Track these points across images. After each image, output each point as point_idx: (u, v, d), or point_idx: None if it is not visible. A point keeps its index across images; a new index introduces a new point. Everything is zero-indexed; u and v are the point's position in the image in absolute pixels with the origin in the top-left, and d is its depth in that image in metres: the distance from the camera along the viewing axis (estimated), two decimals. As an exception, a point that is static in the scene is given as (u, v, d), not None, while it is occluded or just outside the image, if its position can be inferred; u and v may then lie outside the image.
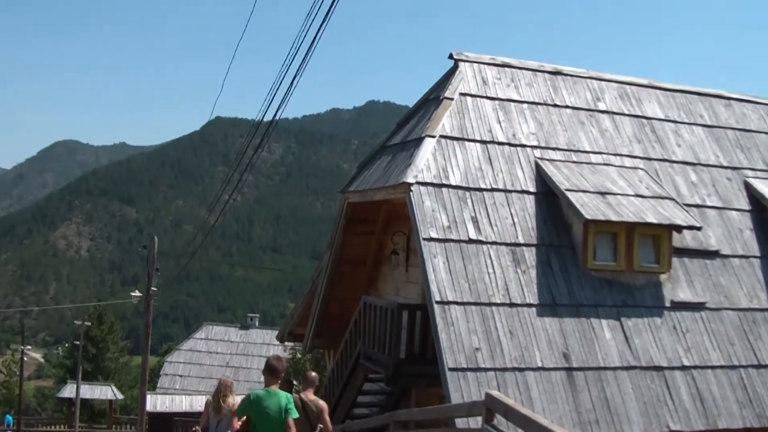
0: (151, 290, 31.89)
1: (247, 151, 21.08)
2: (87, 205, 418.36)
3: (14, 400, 74.24)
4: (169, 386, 53.83)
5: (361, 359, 18.63)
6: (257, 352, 55.75)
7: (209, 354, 55.92)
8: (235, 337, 57.38)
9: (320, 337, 22.94)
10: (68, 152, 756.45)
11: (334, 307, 22.16)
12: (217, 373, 54.30)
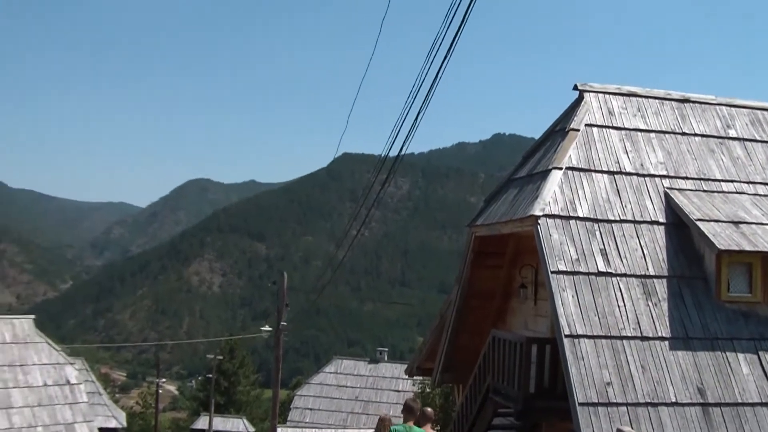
0: (281, 325, 32.36)
1: (374, 187, 21.30)
2: (218, 242, 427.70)
3: (150, 431, 76.19)
4: (299, 419, 54.36)
5: (491, 394, 18.50)
6: (387, 386, 55.88)
7: (339, 388, 56.29)
8: (364, 371, 57.63)
9: (449, 371, 22.85)
10: (199, 190, 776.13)
11: (463, 341, 22.06)
12: (346, 406, 54.73)
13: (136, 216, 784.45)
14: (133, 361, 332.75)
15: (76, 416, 37.24)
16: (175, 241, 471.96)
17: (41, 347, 38.72)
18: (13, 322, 39.27)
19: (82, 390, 38.95)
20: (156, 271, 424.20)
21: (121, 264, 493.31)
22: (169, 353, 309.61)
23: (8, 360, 37.17)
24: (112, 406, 59.10)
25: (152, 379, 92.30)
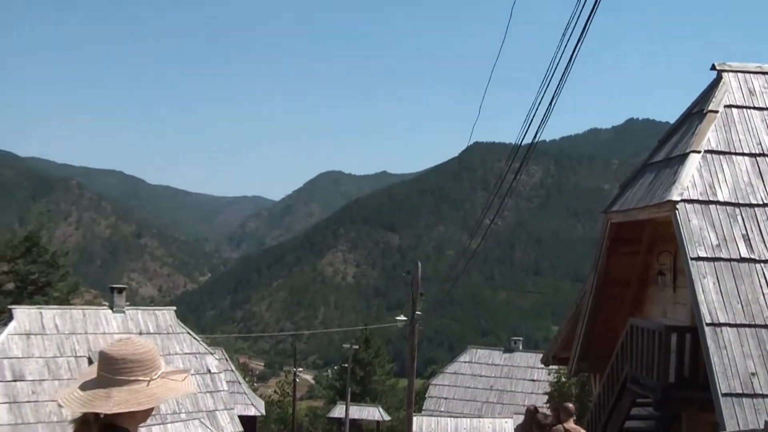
0: (416, 314, 32.45)
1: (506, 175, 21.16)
2: (351, 233, 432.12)
3: (288, 419, 77.60)
4: (434, 408, 54.42)
5: (629, 383, 18.18)
6: (521, 375, 55.48)
7: (473, 377, 56.14)
8: (499, 360, 57.33)
9: (585, 360, 22.55)
10: (332, 183, 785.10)
11: (599, 330, 21.73)
12: (481, 396, 54.55)
13: (270, 209, 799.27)
14: (270, 351, 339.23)
15: (217, 404, 38.22)
16: (309, 233, 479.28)
17: (183, 338, 39.85)
18: (155, 313, 40.52)
19: (223, 379, 39.95)
20: (291, 262, 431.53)
21: (257, 256, 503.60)
22: (305, 343, 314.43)
23: (152, 349, 38.36)
24: (251, 394, 60.39)
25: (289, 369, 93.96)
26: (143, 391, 3.83)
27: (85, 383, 3.90)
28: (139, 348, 3.97)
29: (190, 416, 36.67)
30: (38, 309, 37.89)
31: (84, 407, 3.78)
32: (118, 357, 3.88)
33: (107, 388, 3.82)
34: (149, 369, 3.91)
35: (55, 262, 65.02)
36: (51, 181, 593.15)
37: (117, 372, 3.85)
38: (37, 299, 59.18)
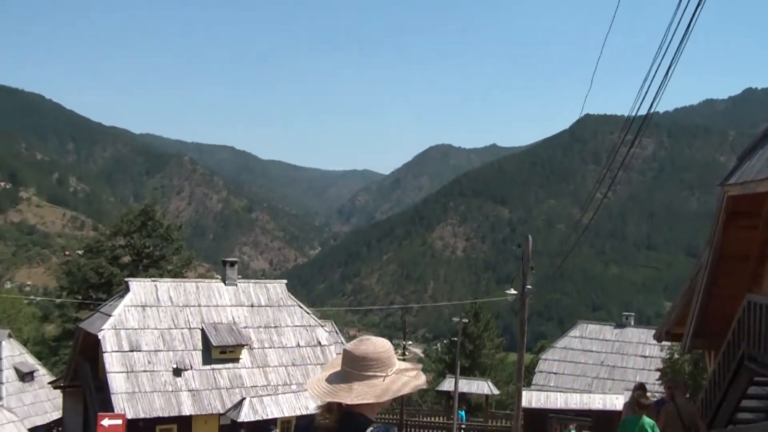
0: (526, 288, 32.13)
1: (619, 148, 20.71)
2: (461, 207, 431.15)
3: (397, 392, 77.98)
4: (544, 383, 54.02)
5: (746, 361, 17.65)
6: (633, 351, 54.59)
7: (584, 352, 55.50)
8: (610, 335, 56.50)
9: (700, 337, 21.97)
10: (441, 156, 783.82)
11: (715, 306, 21.13)
12: (591, 371, 53.90)
13: (380, 182, 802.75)
14: (380, 324, 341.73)
15: (328, 376, 38.54)
16: (418, 207, 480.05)
17: (293, 310, 40.31)
18: (266, 286, 41.07)
19: (333, 351, 40.28)
20: (401, 236, 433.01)
21: (367, 230, 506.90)
22: (415, 317, 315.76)
23: (264, 322, 38.93)
24: (363, 367, 60.84)
25: (399, 342, 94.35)
26: (380, 386, 4.54)
27: (330, 376, 4.66)
28: (379, 348, 4.66)
29: (301, 387, 37.11)
30: (153, 282, 38.76)
31: (329, 397, 4.54)
32: (360, 355, 4.60)
33: (350, 382, 4.57)
34: (386, 366, 4.62)
35: (169, 236, 66.45)
36: (164, 157, 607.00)
37: (359, 368, 4.58)
38: (152, 272, 60.69)
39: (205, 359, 36.36)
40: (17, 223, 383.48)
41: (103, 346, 34.82)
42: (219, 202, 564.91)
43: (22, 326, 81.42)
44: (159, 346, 35.84)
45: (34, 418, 48.16)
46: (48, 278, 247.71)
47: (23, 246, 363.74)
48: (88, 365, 38.17)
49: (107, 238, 68.26)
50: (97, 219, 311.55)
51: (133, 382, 34.30)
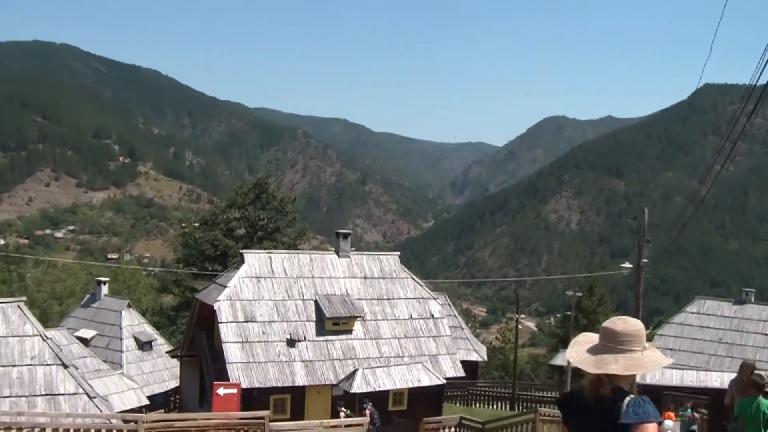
0: (642, 262, 31.51)
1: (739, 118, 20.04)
2: (575, 179, 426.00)
3: (509, 365, 77.72)
4: (660, 360, 53.10)
5: None
6: (753, 329, 53.00)
7: (701, 329, 54.18)
8: (728, 312, 54.98)
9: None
10: (556, 128, 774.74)
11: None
12: (708, 348, 52.60)
13: (493, 155, 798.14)
14: (493, 298, 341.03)
15: (440, 348, 38.60)
16: (532, 179, 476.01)
17: (406, 282, 40.38)
18: (380, 258, 41.23)
19: (445, 324, 40.29)
20: (514, 209, 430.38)
21: (480, 202, 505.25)
22: (528, 290, 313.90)
23: (377, 294, 39.10)
24: (474, 340, 60.80)
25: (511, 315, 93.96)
26: (639, 359, 5.16)
27: (590, 349, 5.31)
28: (636, 325, 5.27)
29: (413, 360, 37.22)
30: (268, 253, 39.27)
31: (597, 368, 5.15)
32: (621, 331, 5.22)
33: (613, 354, 5.18)
34: (640, 342, 5.21)
35: (283, 209, 67.28)
36: (278, 130, 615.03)
37: (620, 343, 5.19)
38: (266, 244, 61.58)
39: (319, 330, 36.73)
40: (136, 196, 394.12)
41: (219, 317, 35.48)
42: (332, 175, 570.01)
43: (141, 297, 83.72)
44: (273, 317, 36.34)
45: (152, 386, 49.47)
46: (165, 250, 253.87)
47: (141, 219, 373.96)
48: (205, 335, 38.96)
49: (222, 210, 69.55)
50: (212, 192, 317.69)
51: (248, 352, 34.88)
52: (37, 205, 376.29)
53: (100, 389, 34.19)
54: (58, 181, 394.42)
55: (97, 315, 53.42)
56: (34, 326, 27.73)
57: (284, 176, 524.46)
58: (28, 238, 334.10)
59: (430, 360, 37.82)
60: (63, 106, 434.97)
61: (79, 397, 26.78)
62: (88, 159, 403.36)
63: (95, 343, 50.73)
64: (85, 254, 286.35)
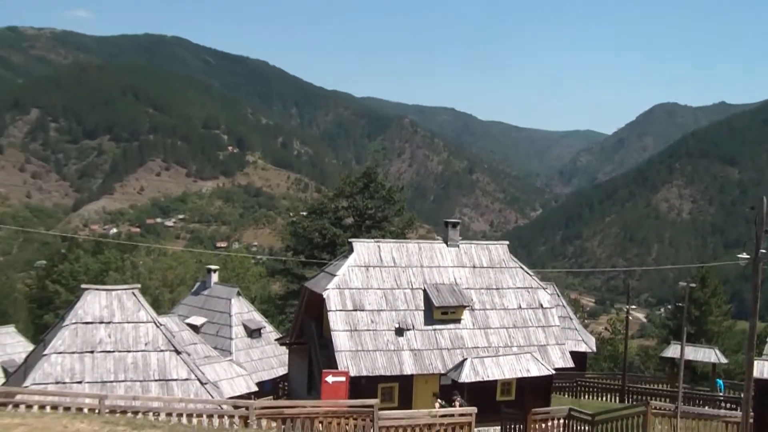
0: (760, 253, 30.49)
1: None
2: (687, 167, 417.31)
3: (619, 357, 76.40)
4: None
5: None
6: None
7: (822, 322, 52.65)
8: None
9: None
10: (667, 115, 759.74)
11: None
12: (830, 341, 50.95)
13: (602, 143, 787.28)
14: (601, 288, 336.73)
15: (549, 339, 38.09)
16: (642, 168, 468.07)
17: (515, 272, 39.94)
18: (488, 247, 40.84)
19: (554, 314, 39.72)
20: (623, 197, 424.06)
21: (589, 191, 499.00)
22: (638, 280, 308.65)
23: (485, 283, 38.78)
24: (582, 330, 59.89)
25: (621, 306, 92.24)
26: None
27: None
28: None
29: (522, 350, 36.83)
30: (376, 242, 39.26)
31: None
32: None
33: None
34: None
35: (391, 198, 67.26)
36: (386, 119, 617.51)
37: None
38: (374, 233, 61.70)
39: (427, 319, 36.58)
40: (244, 185, 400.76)
41: (328, 305, 35.63)
42: (439, 164, 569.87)
43: (249, 285, 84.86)
44: (382, 305, 36.33)
45: (261, 373, 50.02)
46: (273, 239, 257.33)
47: (250, 208, 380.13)
48: (313, 323, 39.18)
49: (330, 199, 69.94)
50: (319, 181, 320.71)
51: (357, 340, 34.95)
52: (149, 194, 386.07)
53: (210, 375, 34.71)
54: (168, 170, 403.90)
55: (207, 302, 54.30)
56: (148, 313, 28.25)
57: (391, 165, 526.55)
58: (140, 226, 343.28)
59: (538, 350, 37.34)
60: (173, 98, 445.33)
61: (191, 382, 27.19)
62: (198, 149, 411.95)
63: (205, 330, 51.58)
64: (195, 242, 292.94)
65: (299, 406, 25.97)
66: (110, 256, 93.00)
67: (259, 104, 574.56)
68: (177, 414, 23.34)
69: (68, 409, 22.23)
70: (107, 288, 29.31)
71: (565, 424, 32.76)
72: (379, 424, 25.30)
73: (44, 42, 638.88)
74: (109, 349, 27.04)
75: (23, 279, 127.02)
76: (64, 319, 28.26)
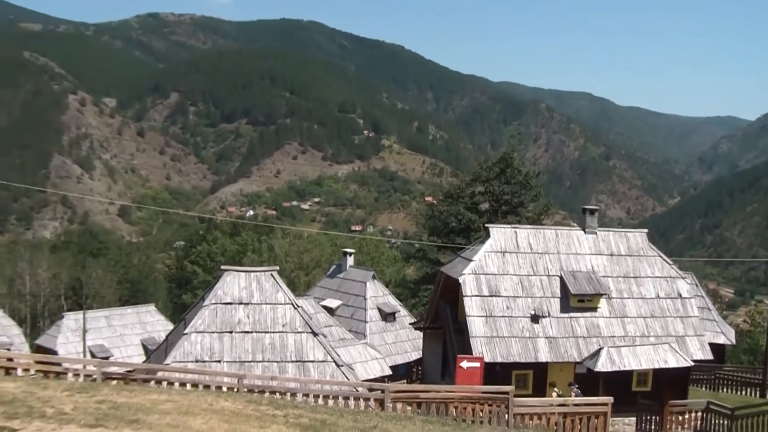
0: None
1: None
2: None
3: (758, 350, 74.04)
4: None
5: None
6: None
7: None
8: None
9: None
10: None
11: None
12: None
13: (744, 129, 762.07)
14: (741, 278, 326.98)
15: (687, 330, 37.18)
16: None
17: (654, 261, 39.08)
18: (626, 235, 40.07)
19: (693, 304, 38.71)
20: (766, 186, 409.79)
21: (730, 179, 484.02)
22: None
23: (623, 271, 38.08)
24: (721, 322, 58.19)
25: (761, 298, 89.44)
26: None
27: None
28: None
29: (659, 340, 36.08)
30: (513, 228, 39.01)
31: None
32: None
33: None
34: None
35: (528, 183, 66.55)
36: (521, 104, 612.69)
37: None
38: (510, 219, 61.23)
39: (563, 307, 36.18)
40: (379, 169, 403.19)
41: (464, 290, 35.58)
42: (576, 150, 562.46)
43: (384, 268, 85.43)
44: (518, 292, 36.09)
45: (395, 357, 50.33)
46: (407, 223, 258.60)
47: (385, 192, 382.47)
48: (448, 308, 39.15)
49: (466, 184, 69.63)
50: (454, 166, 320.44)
51: (492, 326, 34.81)
52: (285, 177, 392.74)
53: (345, 357, 35.07)
54: (304, 154, 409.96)
55: (343, 285, 54.89)
56: (286, 295, 28.71)
57: (527, 150, 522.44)
58: (276, 209, 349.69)
59: (676, 341, 36.47)
60: (310, 82, 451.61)
61: (327, 364, 27.54)
62: (334, 133, 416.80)
63: (340, 313, 52.17)
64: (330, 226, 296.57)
65: (434, 390, 26.01)
66: (247, 238, 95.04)
67: (395, 88, 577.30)
68: (314, 395, 23.64)
69: (208, 387, 22.78)
70: (246, 269, 29.97)
71: (703, 418, 31.90)
72: (513, 411, 25.12)
73: (184, 28, 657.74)
74: (248, 330, 27.63)
75: (163, 259, 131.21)
76: (204, 299, 29.01)
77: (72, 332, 58.72)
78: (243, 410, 16.45)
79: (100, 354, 54.98)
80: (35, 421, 12.58)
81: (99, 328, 59.46)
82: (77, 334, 57.79)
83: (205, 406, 16.23)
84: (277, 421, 15.78)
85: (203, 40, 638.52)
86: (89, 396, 15.82)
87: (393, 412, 23.18)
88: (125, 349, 58.97)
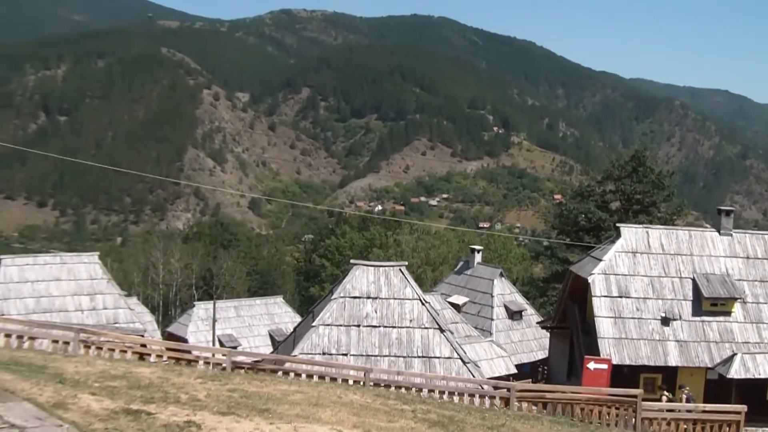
0: None
1: None
2: None
3: None
4: None
5: None
6: None
7: None
8: None
9: None
10: None
11: None
12: None
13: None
14: None
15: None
16: None
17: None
18: (764, 237, 38.86)
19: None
20: None
21: None
22: None
23: (759, 275, 37.15)
24: None
25: None
26: None
27: None
28: None
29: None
30: (645, 228, 38.30)
31: None
32: None
33: None
34: None
35: (661, 183, 65.10)
36: (654, 101, 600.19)
37: None
38: (641, 218, 60.03)
39: (695, 310, 35.35)
40: (508, 166, 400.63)
41: (593, 290, 35.12)
42: (710, 149, 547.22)
43: (511, 266, 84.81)
44: (648, 293, 35.42)
45: (520, 355, 50.07)
46: (536, 221, 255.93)
47: (514, 189, 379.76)
48: (576, 308, 38.74)
49: (597, 183, 68.59)
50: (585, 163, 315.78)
51: (620, 328, 34.27)
52: (414, 173, 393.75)
53: (470, 355, 35.02)
54: (433, 150, 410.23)
55: (470, 282, 54.84)
56: (413, 290, 28.76)
57: (659, 149, 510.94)
58: (404, 204, 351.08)
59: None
60: (440, 78, 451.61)
61: (453, 361, 27.48)
62: (463, 129, 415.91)
63: (466, 310, 52.14)
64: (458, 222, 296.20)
65: (560, 390, 25.72)
66: (375, 232, 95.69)
67: (525, 85, 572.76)
68: (440, 391, 23.65)
69: (334, 379, 23.01)
70: (375, 264, 30.14)
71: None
72: (641, 415, 24.64)
73: (316, 24, 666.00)
74: (375, 324, 27.78)
75: (291, 252, 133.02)
76: (332, 293, 29.31)
77: (202, 321, 60.28)
78: (371, 404, 16.58)
79: (228, 343, 56.24)
80: (170, 407, 12.93)
81: (228, 318, 60.85)
82: (207, 323, 59.26)
83: (333, 398, 16.42)
84: (405, 415, 15.85)
85: (334, 36, 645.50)
86: (221, 384, 16.19)
87: (519, 411, 23.03)
88: (253, 339, 60.20)
